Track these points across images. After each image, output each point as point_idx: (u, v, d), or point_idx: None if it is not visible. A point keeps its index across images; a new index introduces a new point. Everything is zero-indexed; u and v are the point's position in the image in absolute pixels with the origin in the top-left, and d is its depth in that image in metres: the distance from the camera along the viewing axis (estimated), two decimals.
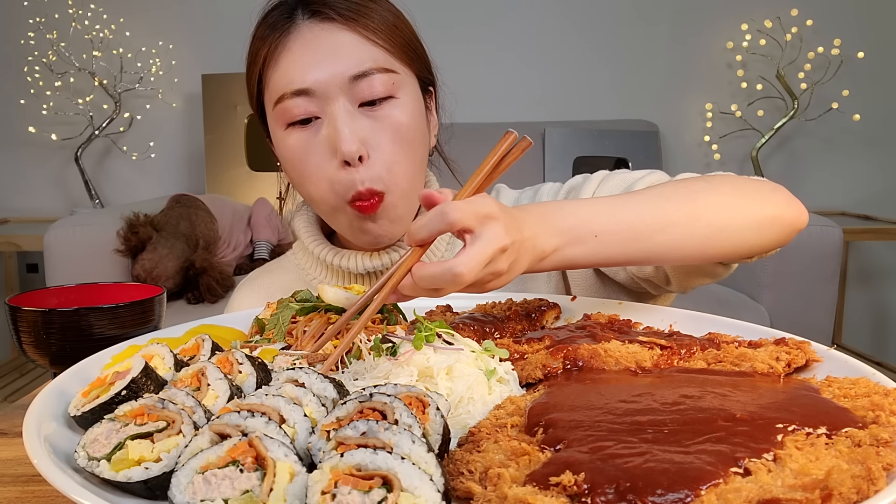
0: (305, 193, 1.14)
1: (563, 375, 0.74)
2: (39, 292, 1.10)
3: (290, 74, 1.07)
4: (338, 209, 1.10)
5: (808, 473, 0.50)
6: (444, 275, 0.70)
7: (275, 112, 1.10)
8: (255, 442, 0.54)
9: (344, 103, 1.06)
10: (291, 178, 1.16)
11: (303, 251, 1.31)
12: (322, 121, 1.07)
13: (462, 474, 0.55)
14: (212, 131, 3.76)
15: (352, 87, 1.05)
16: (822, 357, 0.77)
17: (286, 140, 1.10)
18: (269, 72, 1.10)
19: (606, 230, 0.83)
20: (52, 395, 0.72)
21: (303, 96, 1.06)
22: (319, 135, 1.07)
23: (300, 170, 1.10)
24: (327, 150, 1.06)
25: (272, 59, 1.09)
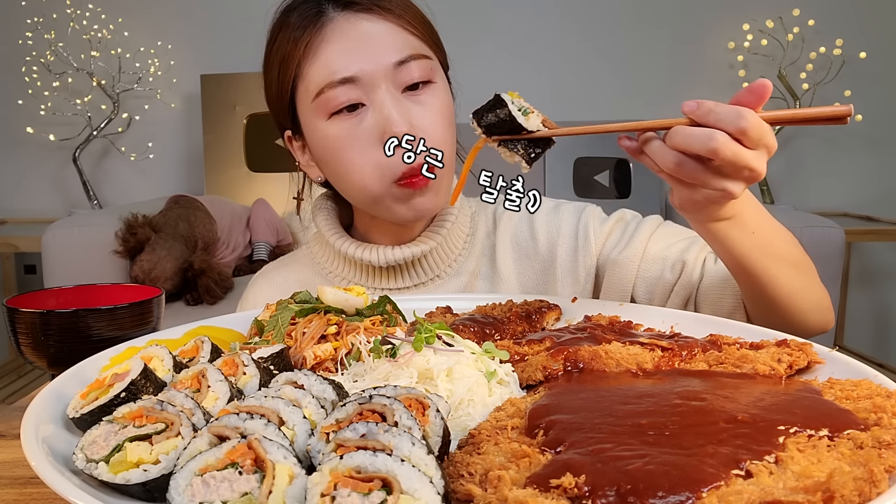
0: (346, 182, 1.15)
1: (563, 377, 0.74)
2: (37, 293, 1.09)
3: (333, 65, 1.08)
4: (382, 193, 1.11)
5: (810, 475, 0.50)
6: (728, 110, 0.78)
7: (315, 104, 1.11)
8: (254, 444, 0.53)
9: (388, 89, 1.09)
10: (330, 168, 1.16)
11: (320, 245, 1.32)
12: (367, 108, 1.09)
13: (462, 476, 0.54)
14: (210, 132, 3.76)
15: (395, 73, 1.09)
16: (824, 359, 0.77)
17: (328, 130, 1.11)
18: (306, 67, 1.11)
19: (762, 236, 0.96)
20: (50, 397, 0.71)
21: (347, 84, 1.08)
22: (365, 122, 1.09)
23: (343, 158, 1.11)
24: (374, 135, 1.08)
25: (309, 53, 1.10)
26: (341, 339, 0.86)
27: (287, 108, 1.18)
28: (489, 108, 0.88)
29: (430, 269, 1.24)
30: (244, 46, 4.05)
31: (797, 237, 1.07)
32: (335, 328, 0.87)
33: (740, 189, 0.84)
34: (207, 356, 0.78)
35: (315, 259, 1.32)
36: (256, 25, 4.11)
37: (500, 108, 0.87)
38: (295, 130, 1.21)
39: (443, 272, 1.25)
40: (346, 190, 1.18)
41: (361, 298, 0.93)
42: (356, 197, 1.16)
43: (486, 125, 0.88)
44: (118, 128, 4.02)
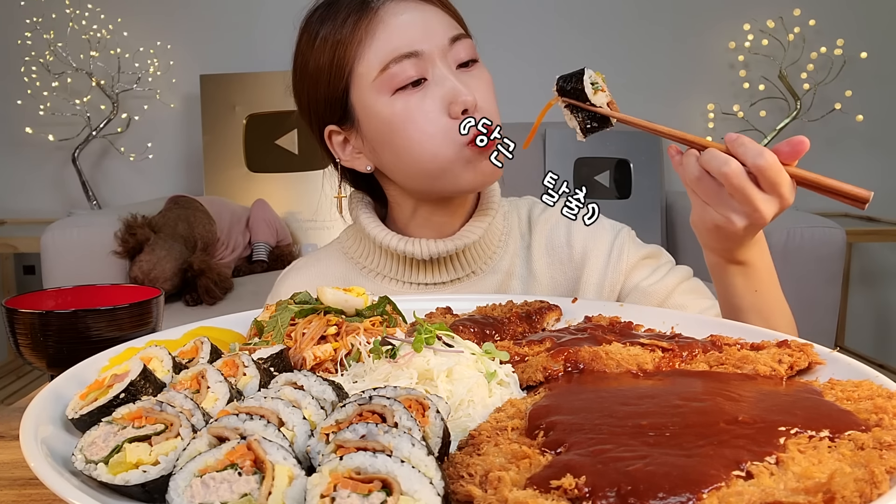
0: (411, 155, 1.16)
1: (563, 378, 0.73)
2: (36, 294, 1.09)
3: (394, 42, 1.13)
4: (453, 157, 1.14)
5: (811, 476, 0.50)
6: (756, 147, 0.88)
7: (379, 81, 1.13)
8: (253, 445, 0.53)
9: (446, 64, 1.14)
10: (394, 146, 1.17)
11: (354, 239, 1.33)
12: (429, 83, 1.14)
13: (462, 477, 0.54)
14: (210, 132, 3.76)
15: (450, 49, 1.15)
16: (825, 359, 0.77)
17: (393, 106, 1.14)
18: (365, 47, 1.14)
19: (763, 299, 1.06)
20: (49, 398, 0.71)
21: (411, 58, 1.12)
22: (429, 94, 1.13)
23: (411, 131, 1.14)
24: (439, 106, 1.13)
25: (368, 34, 1.13)
26: (341, 339, 0.86)
27: (338, 96, 1.19)
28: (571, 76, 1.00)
29: (467, 264, 1.27)
30: (244, 46, 4.05)
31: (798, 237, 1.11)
32: (335, 329, 0.87)
33: (742, 223, 0.92)
34: (207, 357, 0.78)
35: (348, 254, 1.33)
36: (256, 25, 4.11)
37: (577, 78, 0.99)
38: (342, 120, 1.21)
39: (479, 268, 1.28)
40: (409, 164, 1.18)
41: (361, 299, 0.92)
42: (423, 171, 1.17)
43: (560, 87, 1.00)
44: (117, 128, 4.02)
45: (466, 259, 1.27)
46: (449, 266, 1.26)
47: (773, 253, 1.10)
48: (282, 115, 3.70)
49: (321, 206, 3.67)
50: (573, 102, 0.98)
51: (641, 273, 1.25)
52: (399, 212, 1.30)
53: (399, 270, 1.27)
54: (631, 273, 1.25)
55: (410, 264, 1.27)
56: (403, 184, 1.23)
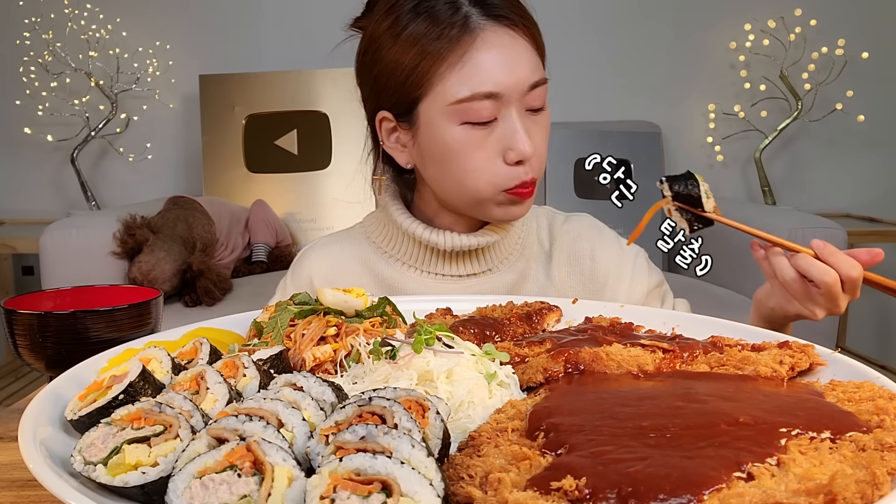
0: (457, 182, 1.19)
1: (564, 379, 0.73)
2: (35, 295, 1.09)
3: (480, 76, 1.12)
4: (488, 198, 1.19)
5: (812, 478, 0.50)
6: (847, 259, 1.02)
7: (452, 109, 1.14)
8: (253, 446, 0.53)
9: (518, 108, 1.15)
10: (445, 166, 1.19)
11: (378, 224, 1.36)
12: (497, 123, 1.15)
13: (462, 479, 0.54)
14: (209, 132, 3.75)
15: (526, 95, 1.15)
16: (826, 360, 0.77)
17: (456, 134, 1.15)
18: (452, 70, 1.13)
19: None
20: (48, 399, 0.71)
21: (490, 99, 1.13)
22: (493, 135, 1.15)
23: (464, 162, 1.16)
24: (498, 147, 1.15)
25: (458, 59, 1.13)
26: (341, 340, 0.86)
27: (408, 97, 1.18)
28: (681, 179, 1.06)
29: (486, 261, 1.30)
30: (243, 47, 4.05)
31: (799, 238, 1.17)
32: (334, 330, 0.87)
33: (822, 316, 1.07)
34: (206, 358, 0.78)
35: (371, 237, 1.35)
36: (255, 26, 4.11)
37: (692, 184, 1.05)
38: (400, 115, 1.21)
39: (496, 266, 1.31)
40: (451, 187, 1.21)
41: (361, 300, 0.92)
42: (464, 194, 1.20)
43: (676, 193, 1.06)
44: (116, 128, 4.01)
45: (486, 256, 1.30)
46: (467, 260, 1.30)
47: None
48: (281, 115, 3.70)
49: (321, 207, 3.67)
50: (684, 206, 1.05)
51: (653, 304, 1.32)
52: (425, 204, 1.33)
53: (419, 259, 1.30)
54: (645, 301, 1.32)
55: (431, 254, 1.30)
56: (438, 195, 1.26)
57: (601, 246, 1.33)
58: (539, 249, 1.35)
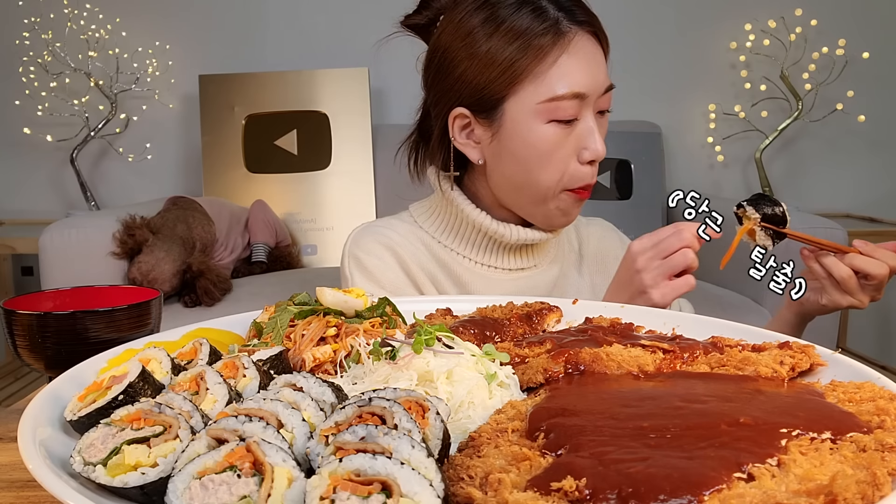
0: (532, 176, 1.24)
1: (564, 379, 0.73)
2: (34, 295, 1.09)
3: (573, 78, 1.20)
4: (555, 194, 1.25)
5: (813, 479, 0.50)
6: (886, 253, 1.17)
7: (541, 107, 1.20)
8: (252, 447, 0.53)
9: (594, 109, 1.23)
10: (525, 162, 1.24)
11: (429, 213, 1.39)
12: (577, 123, 1.22)
13: (462, 479, 0.54)
14: (209, 132, 3.75)
15: (601, 97, 1.24)
16: (827, 361, 0.76)
17: (543, 132, 1.21)
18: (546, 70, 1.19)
19: None
20: (47, 400, 0.71)
21: (577, 99, 1.20)
22: (571, 135, 1.22)
23: (545, 159, 1.22)
24: (575, 147, 1.22)
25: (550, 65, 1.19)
26: (340, 341, 0.86)
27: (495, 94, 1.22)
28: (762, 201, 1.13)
29: (533, 257, 1.36)
30: (243, 47, 4.04)
31: None
32: (334, 330, 0.87)
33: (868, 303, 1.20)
34: (206, 358, 0.78)
35: (423, 227, 1.38)
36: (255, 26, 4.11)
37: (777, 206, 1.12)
38: (480, 111, 1.25)
39: (540, 263, 1.37)
40: (523, 184, 1.26)
41: (360, 300, 0.92)
42: (535, 189, 1.25)
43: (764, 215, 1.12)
44: (116, 128, 4.01)
45: (534, 252, 1.36)
46: (518, 255, 1.34)
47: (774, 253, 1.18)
48: (281, 115, 3.70)
49: (321, 208, 3.67)
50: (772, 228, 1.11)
51: None
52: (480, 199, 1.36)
53: (473, 249, 1.34)
54: None
55: (486, 246, 1.33)
56: (501, 192, 1.30)
57: (622, 248, 1.39)
58: (569, 249, 1.41)
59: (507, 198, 1.30)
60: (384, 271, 1.32)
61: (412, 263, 1.33)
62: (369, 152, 3.62)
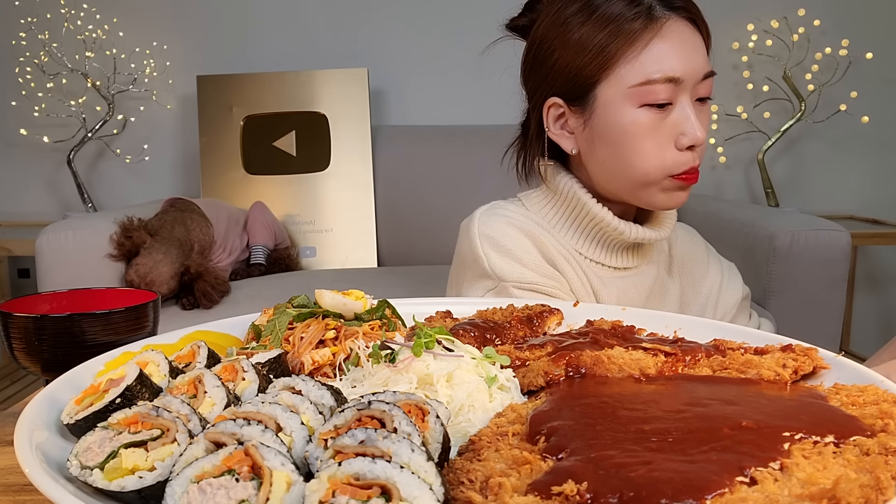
0: (627, 163, 1.23)
1: (565, 383, 0.73)
2: (31, 298, 1.08)
3: (666, 62, 1.19)
4: (656, 181, 1.23)
5: (816, 482, 0.50)
6: None
7: (633, 90, 1.20)
8: (251, 450, 0.53)
9: (691, 95, 1.21)
10: (618, 148, 1.23)
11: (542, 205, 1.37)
12: (672, 108, 1.21)
13: (462, 483, 0.54)
14: (207, 133, 3.74)
15: (699, 84, 1.22)
16: (830, 364, 0.76)
17: (636, 116, 1.21)
18: (638, 54, 1.19)
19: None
20: (44, 403, 0.70)
21: (671, 83, 1.19)
22: (669, 119, 1.21)
23: (638, 145, 1.21)
24: (671, 132, 1.21)
25: (645, 44, 1.19)
26: (340, 343, 0.85)
27: (587, 80, 1.23)
28: None
29: (639, 256, 1.35)
30: (241, 47, 4.04)
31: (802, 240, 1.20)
32: (333, 333, 0.87)
33: None
34: (204, 361, 0.77)
35: (533, 219, 1.36)
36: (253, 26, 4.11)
37: None
38: (574, 100, 1.26)
39: (642, 263, 1.36)
40: (618, 170, 1.25)
41: (360, 303, 0.92)
42: (626, 179, 1.25)
43: None
44: (113, 129, 4.00)
45: (639, 252, 1.35)
46: (625, 254, 1.34)
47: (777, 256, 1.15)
48: (280, 116, 3.70)
49: (320, 209, 3.67)
50: None
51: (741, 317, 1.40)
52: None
53: (582, 243, 1.33)
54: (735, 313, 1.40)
55: (598, 241, 1.32)
56: (600, 179, 1.29)
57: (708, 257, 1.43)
58: (661, 250, 1.41)
59: (608, 185, 1.29)
60: (526, 251, 1.30)
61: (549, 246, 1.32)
62: (369, 153, 3.62)
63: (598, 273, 1.32)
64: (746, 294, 1.42)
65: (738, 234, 2.87)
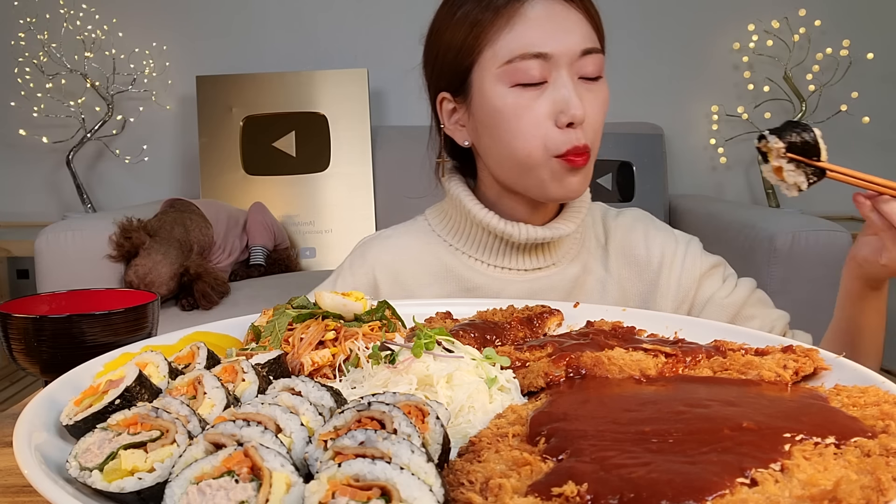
0: (508, 147, 1.20)
1: (565, 384, 0.73)
2: (30, 299, 1.08)
3: (529, 38, 1.16)
4: (541, 164, 1.19)
5: (817, 484, 0.49)
6: None
7: (502, 71, 1.17)
8: (250, 452, 0.53)
9: (569, 73, 1.17)
10: (496, 133, 1.21)
11: (441, 216, 1.36)
12: (548, 86, 1.17)
13: (462, 485, 0.54)
14: (206, 134, 3.75)
15: (579, 60, 1.17)
16: (831, 365, 0.76)
17: (507, 98, 1.18)
18: (501, 34, 1.17)
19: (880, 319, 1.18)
20: (43, 404, 0.70)
21: (538, 59, 1.15)
22: (544, 97, 1.17)
23: (514, 125, 1.18)
24: (550, 111, 1.17)
25: (507, 22, 1.17)
26: (339, 344, 0.85)
27: (461, 70, 1.22)
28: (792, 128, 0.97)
29: (550, 255, 1.31)
30: (240, 47, 4.04)
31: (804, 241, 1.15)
32: (333, 334, 0.86)
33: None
34: (203, 362, 0.77)
35: (435, 230, 1.35)
36: (253, 26, 4.10)
37: (806, 132, 0.96)
38: (457, 92, 1.26)
39: (559, 261, 1.32)
40: (503, 155, 1.22)
41: (360, 304, 0.92)
42: (517, 162, 1.21)
43: (790, 143, 0.96)
44: (112, 130, 4.00)
45: (552, 250, 1.31)
46: (534, 254, 1.30)
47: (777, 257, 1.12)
48: (279, 116, 3.70)
49: (320, 210, 3.67)
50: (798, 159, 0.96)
51: (712, 284, 1.31)
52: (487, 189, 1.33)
53: (486, 252, 1.31)
54: (703, 282, 1.31)
55: (500, 247, 1.30)
56: (494, 170, 1.27)
57: (653, 235, 1.35)
58: (596, 244, 1.37)
59: (501, 174, 1.26)
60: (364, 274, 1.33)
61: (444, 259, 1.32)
62: (368, 154, 3.62)
63: (502, 278, 1.29)
64: (715, 263, 1.33)
65: (739, 235, 2.87)
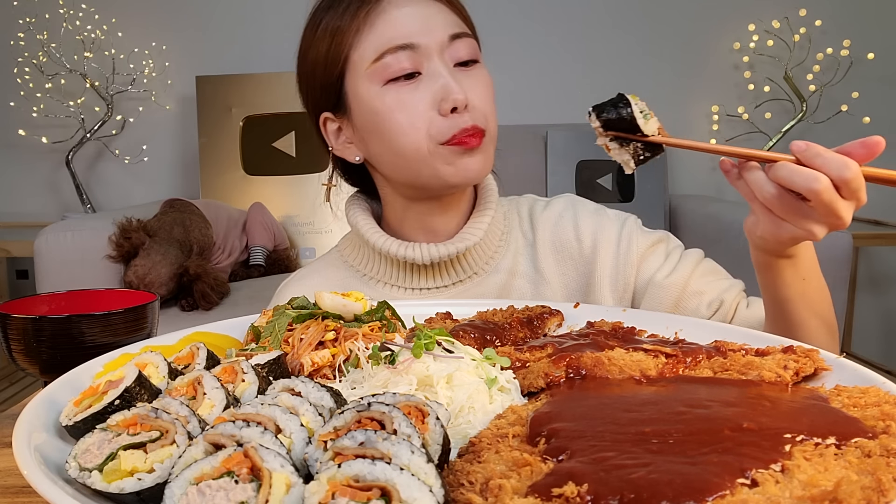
0: (396, 144, 1.17)
1: (565, 384, 0.73)
2: (30, 299, 1.08)
3: (392, 32, 1.14)
4: (433, 154, 1.15)
5: (817, 484, 0.49)
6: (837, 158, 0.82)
7: (372, 70, 1.15)
8: (250, 452, 0.53)
9: (443, 60, 1.15)
10: (380, 134, 1.18)
11: (353, 247, 1.33)
12: (422, 77, 1.15)
13: (462, 485, 0.54)
14: (206, 134, 3.75)
15: (450, 46, 1.15)
16: (831, 365, 0.76)
17: (384, 96, 1.15)
18: (362, 35, 1.15)
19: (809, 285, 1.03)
20: (42, 405, 0.70)
21: (406, 51, 1.13)
22: (420, 89, 1.14)
23: (396, 122, 1.15)
24: (429, 101, 1.14)
25: (367, 23, 1.15)
26: (339, 345, 0.85)
27: (333, 83, 1.20)
28: (611, 104, 0.90)
29: (468, 266, 1.26)
30: (240, 47, 4.04)
31: None
32: (333, 334, 0.86)
33: (823, 233, 0.87)
34: (203, 363, 0.77)
35: (348, 261, 1.33)
36: (252, 26, 4.10)
37: (623, 107, 0.89)
38: (336, 108, 1.23)
39: (480, 269, 1.27)
40: (393, 156, 1.19)
41: (360, 304, 0.92)
42: (407, 157, 1.17)
43: (605, 120, 0.90)
44: (112, 130, 4.00)
45: (468, 261, 1.26)
46: (450, 269, 1.26)
47: None
48: (279, 117, 3.70)
49: (319, 210, 3.67)
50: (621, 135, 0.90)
51: (653, 262, 1.24)
52: (391, 211, 1.29)
53: (399, 276, 1.27)
54: (642, 263, 1.24)
55: (410, 269, 1.26)
56: (390, 176, 1.23)
57: (583, 221, 1.28)
58: (524, 242, 1.30)
59: (397, 179, 1.22)
60: None
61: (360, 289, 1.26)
62: None
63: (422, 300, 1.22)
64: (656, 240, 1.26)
65: (739, 236, 2.85)
